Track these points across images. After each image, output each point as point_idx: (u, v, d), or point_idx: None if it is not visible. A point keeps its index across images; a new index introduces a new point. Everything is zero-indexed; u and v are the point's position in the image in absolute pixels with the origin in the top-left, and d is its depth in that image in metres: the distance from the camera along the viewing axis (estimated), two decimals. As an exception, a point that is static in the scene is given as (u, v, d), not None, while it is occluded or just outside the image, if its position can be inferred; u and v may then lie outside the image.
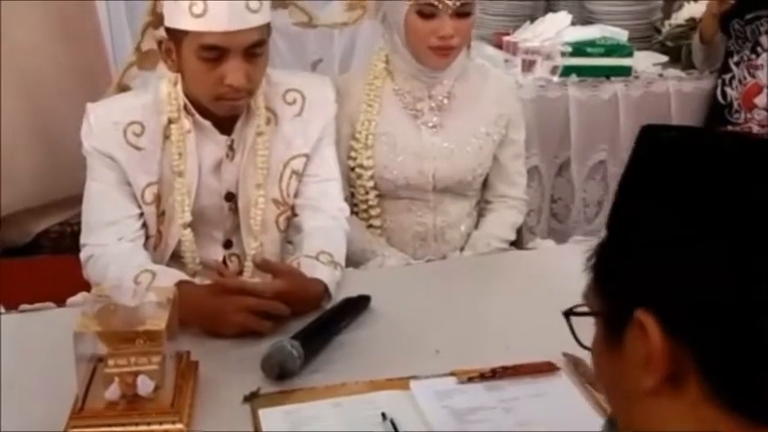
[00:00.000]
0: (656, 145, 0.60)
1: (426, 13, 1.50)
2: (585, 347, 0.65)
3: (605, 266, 0.61)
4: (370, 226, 1.65)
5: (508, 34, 2.62)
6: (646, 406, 0.57)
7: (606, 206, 2.62)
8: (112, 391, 0.99)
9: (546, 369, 1.15)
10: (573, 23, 2.58)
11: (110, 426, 0.98)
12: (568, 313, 0.66)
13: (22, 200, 2.37)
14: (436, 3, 1.49)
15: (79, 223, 2.49)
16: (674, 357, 0.54)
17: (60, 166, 2.39)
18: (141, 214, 1.39)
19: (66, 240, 2.45)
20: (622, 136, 2.54)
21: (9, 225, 2.38)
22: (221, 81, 1.29)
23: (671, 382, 0.55)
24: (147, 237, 1.41)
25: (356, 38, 2.11)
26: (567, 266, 0.72)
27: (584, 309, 0.64)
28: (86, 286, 1.39)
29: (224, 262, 1.48)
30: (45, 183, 2.42)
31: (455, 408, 1.09)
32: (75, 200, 2.46)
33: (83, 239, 1.38)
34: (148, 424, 0.98)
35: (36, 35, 2.34)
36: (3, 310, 1.33)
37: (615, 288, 0.59)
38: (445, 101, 1.62)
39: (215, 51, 1.27)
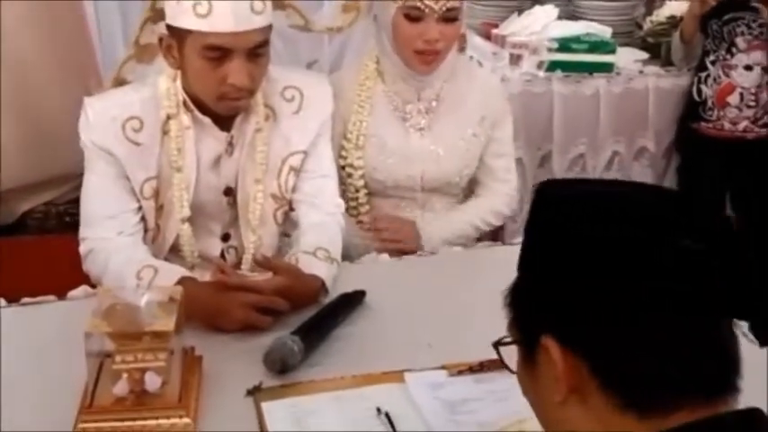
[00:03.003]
0: (548, 202, 0.71)
1: (413, 17, 1.52)
2: (513, 372, 0.76)
3: (518, 302, 0.73)
4: (360, 222, 1.68)
5: (496, 25, 2.64)
6: (559, 415, 0.69)
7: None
8: (121, 387, 1.01)
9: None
10: (559, 17, 2.62)
11: (119, 420, 1.00)
12: (497, 344, 0.78)
13: (5, 179, 2.35)
14: (422, 6, 1.50)
15: (65, 203, 2.47)
16: (575, 372, 0.66)
17: (45, 146, 2.36)
18: (140, 208, 1.40)
19: (52, 221, 2.43)
20: (602, 130, 2.61)
21: (-6, 204, 2.36)
22: (224, 80, 1.29)
23: (577, 394, 0.66)
24: (146, 230, 1.42)
25: (348, 38, 2.12)
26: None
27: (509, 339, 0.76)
28: (73, 267, 1.41)
29: (222, 255, 1.50)
30: (29, 162, 2.39)
31: (447, 399, 1.14)
32: (61, 180, 2.46)
33: (82, 233, 1.39)
34: (156, 418, 1.01)
35: (18, 14, 2.30)
36: (3, 303, 1.34)
37: (526, 319, 0.71)
38: (434, 103, 1.65)
39: (218, 51, 1.27)
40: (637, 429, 0.64)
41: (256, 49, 1.30)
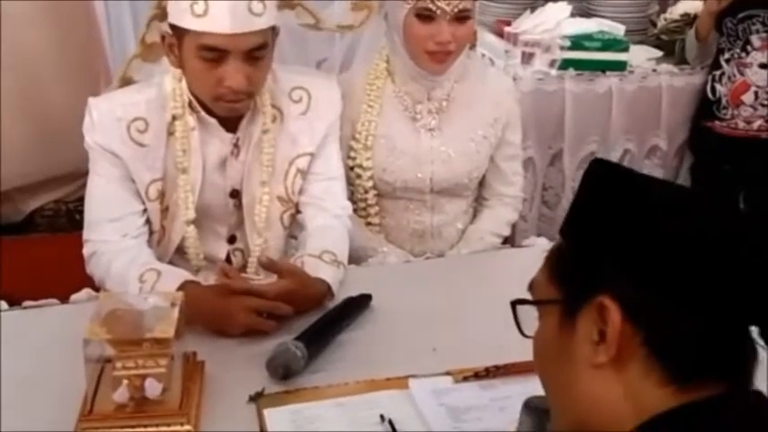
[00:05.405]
0: (607, 174, 0.73)
1: (424, 17, 1.49)
2: (527, 336, 0.76)
3: (563, 265, 0.73)
4: (369, 224, 1.66)
5: (509, 23, 2.62)
6: (585, 382, 0.69)
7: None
8: (121, 394, 1.00)
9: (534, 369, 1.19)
10: (572, 14, 2.59)
11: (119, 427, 1.00)
12: (515, 302, 0.76)
13: (14, 177, 2.35)
14: (434, 8, 1.48)
15: (75, 200, 2.48)
16: (625, 338, 0.66)
17: (54, 143, 2.36)
18: (145, 210, 1.39)
19: (62, 218, 2.44)
20: (613, 129, 2.58)
21: (1, 203, 2.37)
22: (220, 82, 1.28)
23: (616, 360, 0.67)
24: (151, 232, 1.41)
25: (358, 37, 2.09)
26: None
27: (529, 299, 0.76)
28: (81, 267, 1.40)
29: (228, 257, 1.49)
30: (39, 160, 2.40)
31: (451, 406, 1.12)
32: (71, 177, 2.46)
33: (85, 235, 1.38)
34: (157, 426, 1.00)
35: (26, 11, 2.30)
36: (5, 307, 1.34)
37: (577, 276, 0.70)
38: (444, 103, 1.62)
39: (214, 52, 1.26)
40: (669, 404, 0.65)
41: (254, 52, 1.28)
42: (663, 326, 0.65)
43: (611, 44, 2.52)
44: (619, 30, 2.59)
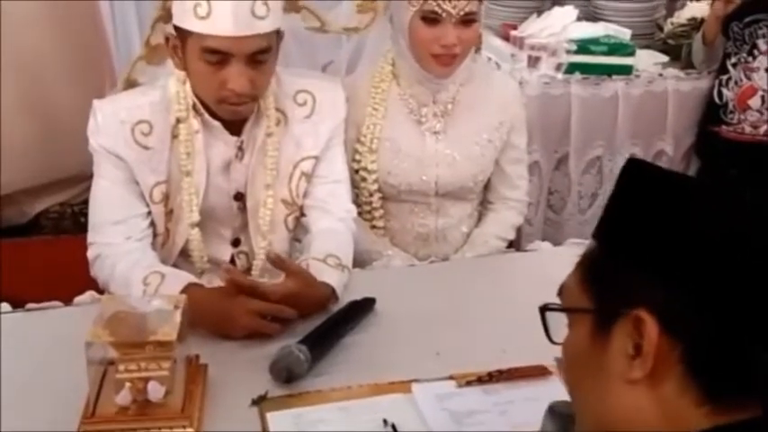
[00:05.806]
0: (644, 175, 0.69)
1: (430, 20, 1.49)
2: (556, 343, 0.73)
3: (597, 271, 0.69)
4: (374, 227, 1.66)
5: (515, 27, 2.61)
6: (617, 397, 0.66)
7: (599, 199, 2.67)
8: (123, 397, 1.00)
9: (538, 373, 1.18)
10: (579, 18, 2.59)
11: (121, 430, 1.00)
12: (544, 308, 0.73)
13: (18, 180, 2.36)
14: (440, 11, 1.48)
15: (80, 203, 2.48)
16: (663, 353, 0.63)
17: (59, 146, 2.37)
18: (149, 213, 1.39)
19: (67, 221, 2.44)
20: (619, 133, 2.57)
21: (6, 205, 2.37)
22: (224, 85, 1.27)
23: (652, 377, 0.64)
24: (155, 235, 1.41)
25: (364, 39, 2.09)
26: (564, 270, 0.75)
27: (559, 304, 0.73)
28: (85, 270, 1.40)
29: (232, 260, 1.49)
30: (44, 162, 2.40)
31: (454, 411, 1.12)
32: (75, 179, 2.46)
33: (90, 238, 1.38)
34: (159, 429, 1.00)
35: (30, 12, 2.30)
36: (9, 309, 1.33)
37: (609, 290, 0.67)
38: (449, 106, 1.62)
39: (218, 55, 1.25)
40: (703, 425, 0.62)
41: (257, 56, 1.27)
42: (701, 339, 0.62)
43: (617, 48, 2.52)
44: (625, 34, 2.59)
